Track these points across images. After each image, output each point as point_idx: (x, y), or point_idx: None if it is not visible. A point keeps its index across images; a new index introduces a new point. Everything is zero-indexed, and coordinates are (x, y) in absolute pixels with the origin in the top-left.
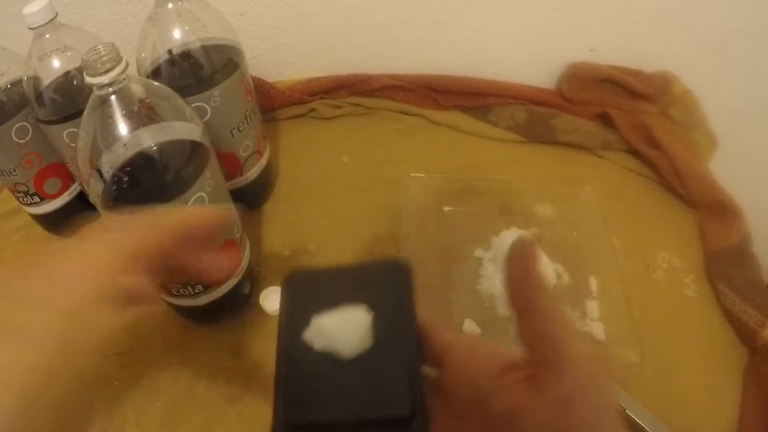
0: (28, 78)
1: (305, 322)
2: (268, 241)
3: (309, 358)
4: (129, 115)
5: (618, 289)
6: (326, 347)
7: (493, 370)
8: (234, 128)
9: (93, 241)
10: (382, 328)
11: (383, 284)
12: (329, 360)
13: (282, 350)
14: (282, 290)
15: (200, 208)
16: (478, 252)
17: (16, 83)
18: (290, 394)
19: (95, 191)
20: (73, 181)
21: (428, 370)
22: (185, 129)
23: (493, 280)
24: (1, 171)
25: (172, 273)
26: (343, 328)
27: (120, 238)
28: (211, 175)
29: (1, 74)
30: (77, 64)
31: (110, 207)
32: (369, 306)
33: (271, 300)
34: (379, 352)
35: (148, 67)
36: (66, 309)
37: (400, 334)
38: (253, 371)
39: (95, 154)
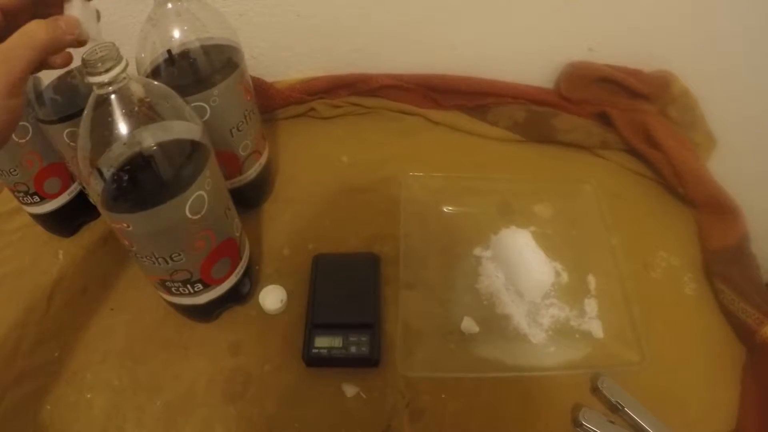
0: None
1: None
2: (267, 240)
3: (326, 292)
4: (129, 115)
5: (617, 287)
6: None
7: None
8: (233, 128)
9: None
10: (363, 282)
11: (365, 263)
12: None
13: (313, 288)
14: (312, 262)
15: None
16: (478, 250)
17: None
18: (317, 309)
19: (95, 190)
20: (73, 181)
21: None
22: (185, 128)
23: (492, 279)
24: (2, 170)
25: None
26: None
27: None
28: (211, 174)
29: None
30: (77, 63)
31: (111, 206)
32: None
33: (270, 299)
34: (361, 292)
35: (147, 67)
36: None
37: (371, 285)
38: (253, 370)
39: (95, 154)
